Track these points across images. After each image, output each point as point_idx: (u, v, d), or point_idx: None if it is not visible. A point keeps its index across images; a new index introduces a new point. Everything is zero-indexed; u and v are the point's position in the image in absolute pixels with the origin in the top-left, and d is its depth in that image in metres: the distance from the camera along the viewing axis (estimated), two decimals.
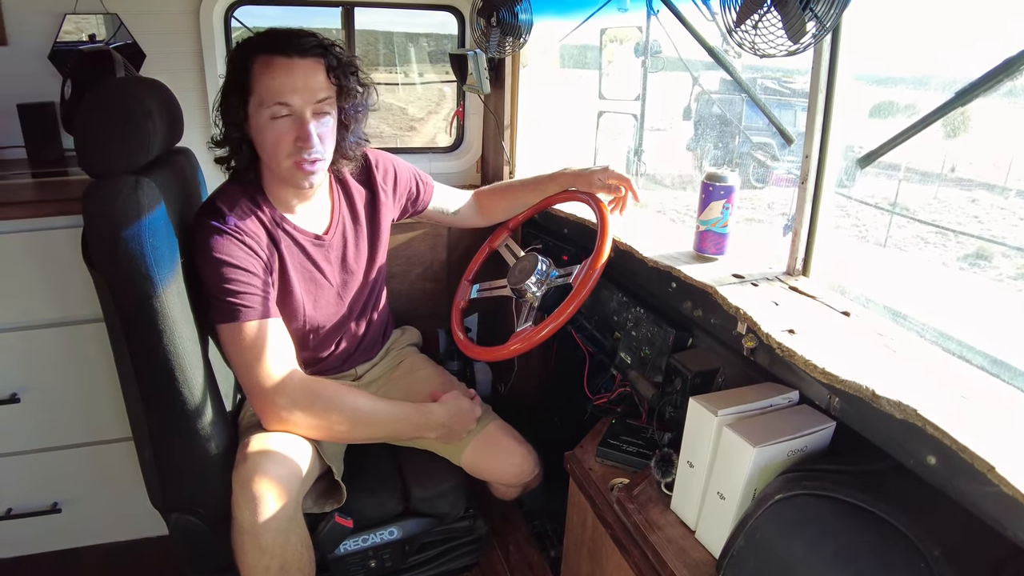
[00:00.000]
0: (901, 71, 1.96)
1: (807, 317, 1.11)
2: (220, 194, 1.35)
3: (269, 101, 1.24)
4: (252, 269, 1.29)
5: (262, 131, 1.27)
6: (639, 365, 1.46)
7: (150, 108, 1.18)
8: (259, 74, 1.25)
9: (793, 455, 1.00)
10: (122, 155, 1.15)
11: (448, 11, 2.30)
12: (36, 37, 1.91)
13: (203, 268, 1.26)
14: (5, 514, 1.70)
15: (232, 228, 1.28)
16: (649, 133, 2.60)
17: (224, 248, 1.26)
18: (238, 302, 1.26)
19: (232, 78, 1.28)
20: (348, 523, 1.39)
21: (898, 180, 2.65)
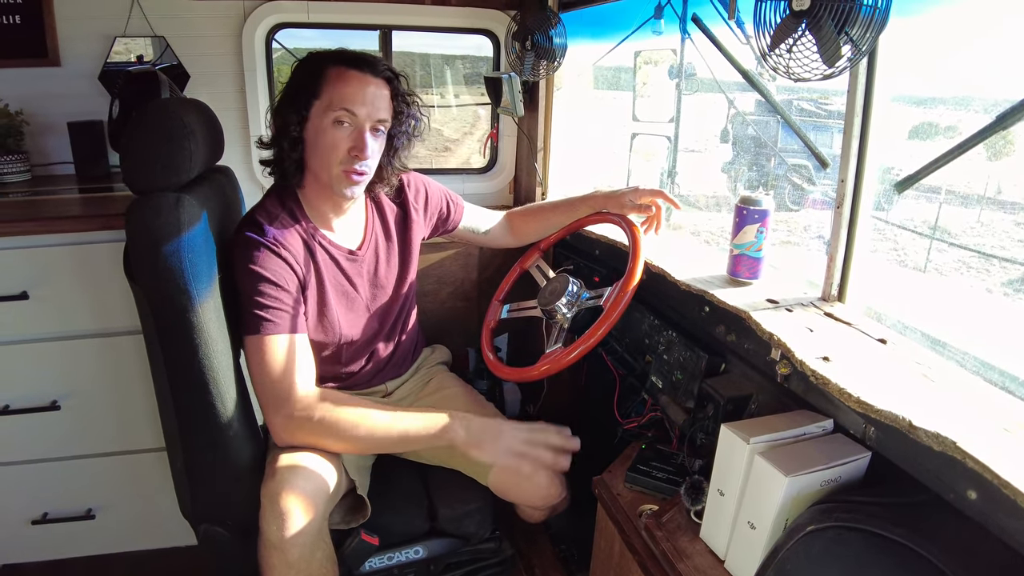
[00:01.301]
0: (941, 91, 1.93)
1: (842, 344, 1.08)
2: (260, 208, 1.38)
3: (336, 106, 1.31)
4: (284, 284, 1.31)
5: (322, 134, 1.33)
6: (670, 389, 1.45)
7: (192, 128, 1.22)
8: (331, 81, 1.32)
9: (826, 485, 0.97)
10: (164, 173, 1.19)
11: (484, 35, 2.33)
12: (87, 59, 2.01)
13: (239, 279, 1.30)
14: (41, 518, 1.74)
15: (271, 241, 1.31)
16: (684, 154, 2.59)
17: (260, 260, 1.29)
18: (265, 316, 1.28)
19: (301, 81, 1.34)
20: (374, 540, 1.39)
21: (939, 203, 2.58)
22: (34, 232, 1.53)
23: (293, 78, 1.36)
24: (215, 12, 2.07)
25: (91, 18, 1.98)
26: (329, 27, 2.27)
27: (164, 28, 2.04)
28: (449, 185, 2.42)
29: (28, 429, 1.65)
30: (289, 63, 3.11)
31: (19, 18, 1.96)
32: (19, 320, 1.57)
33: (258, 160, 1.44)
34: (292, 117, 1.33)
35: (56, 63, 2.00)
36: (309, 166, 1.38)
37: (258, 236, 1.31)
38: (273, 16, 2.11)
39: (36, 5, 1.95)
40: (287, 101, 1.35)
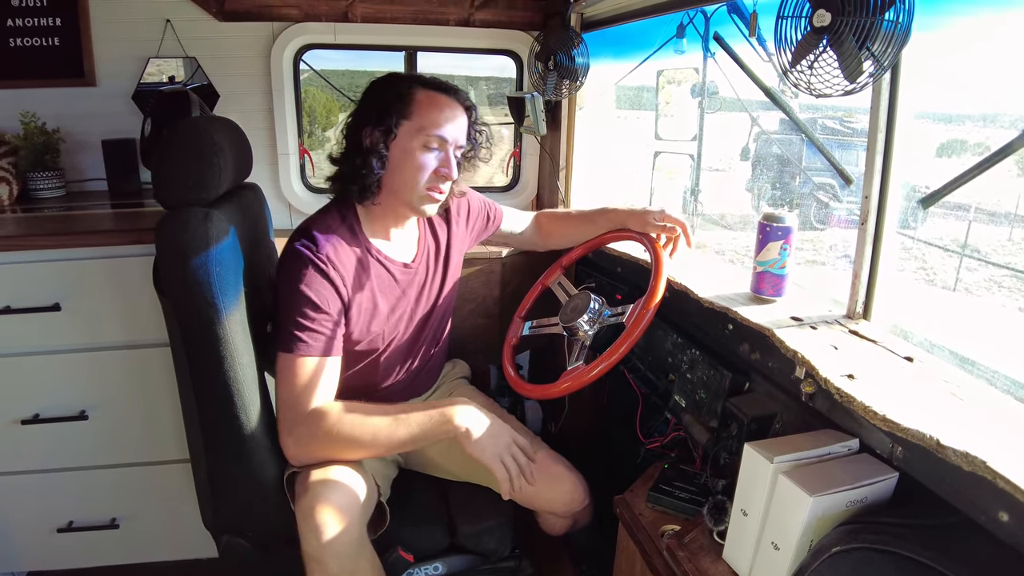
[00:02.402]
0: (968, 108, 1.91)
1: (868, 362, 1.07)
2: (319, 221, 1.38)
3: (429, 130, 1.35)
4: (327, 308, 1.31)
5: (410, 155, 1.36)
6: (694, 409, 1.43)
7: (222, 146, 1.26)
8: (423, 104, 1.36)
9: (852, 506, 0.95)
10: (194, 189, 1.22)
11: (507, 55, 2.37)
12: (122, 79, 2.09)
13: (283, 292, 1.30)
14: (67, 526, 1.76)
15: (323, 260, 1.31)
16: (707, 173, 2.58)
17: (307, 279, 1.29)
18: (302, 336, 1.28)
19: (386, 100, 1.35)
20: (410, 558, 1.39)
21: (968, 221, 2.54)
22: (67, 245, 1.57)
23: (376, 97, 1.38)
24: (245, 33, 2.14)
25: (126, 40, 2.06)
26: (355, 48, 2.32)
27: (195, 49, 2.11)
28: None
29: (56, 438, 1.68)
30: (315, 86, 3.17)
31: (58, 40, 2.05)
32: (51, 331, 1.61)
33: (325, 178, 1.45)
34: (379, 136, 1.35)
35: (92, 83, 2.08)
36: (386, 183, 1.39)
37: (310, 253, 1.31)
38: (301, 37, 2.17)
39: (75, 28, 2.04)
40: (373, 119, 1.35)
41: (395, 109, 1.34)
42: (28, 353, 1.62)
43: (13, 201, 1.93)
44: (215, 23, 2.09)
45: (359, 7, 2.16)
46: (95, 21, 2.05)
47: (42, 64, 2.06)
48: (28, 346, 1.61)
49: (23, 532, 1.77)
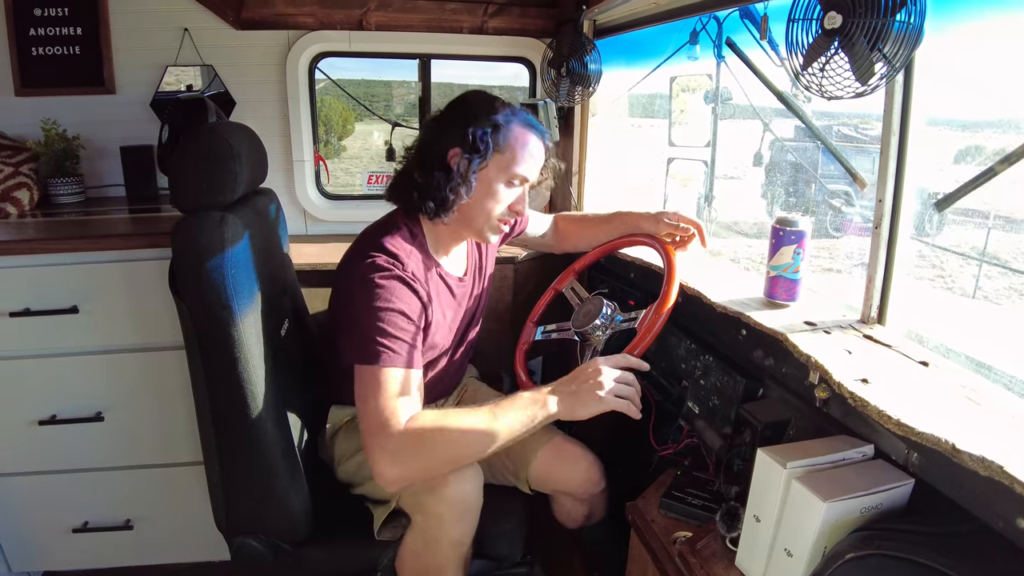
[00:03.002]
0: (987, 115, 1.89)
1: (882, 366, 1.05)
2: (388, 234, 1.35)
3: (518, 169, 1.36)
4: (414, 318, 1.29)
5: (493, 188, 1.36)
6: (707, 415, 1.42)
7: (238, 151, 1.27)
8: (518, 142, 1.36)
9: (867, 513, 0.94)
10: (209, 193, 1.24)
11: (520, 62, 2.38)
12: (140, 86, 2.13)
13: (363, 304, 1.25)
14: (82, 526, 1.78)
15: (410, 275, 1.30)
16: (723, 181, 2.57)
17: (398, 292, 1.27)
18: (391, 346, 1.24)
19: (485, 128, 1.32)
20: None
21: (987, 228, 2.51)
22: (85, 249, 1.59)
23: (470, 118, 1.34)
24: (261, 41, 2.17)
25: (145, 48, 2.10)
26: (370, 56, 2.34)
27: (212, 57, 2.15)
28: None
29: (73, 439, 1.70)
30: (332, 95, 3.20)
31: (79, 49, 2.09)
32: (68, 333, 1.63)
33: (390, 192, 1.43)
34: (468, 162, 1.32)
35: (111, 91, 2.12)
36: (461, 207, 1.37)
37: (397, 268, 1.29)
38: (316, 45, 2.19)
39: (95, 37, 2.08)
40: (467, 145, 1.32)
41: (491, 139, 1.33)
42: (46, 355, 1.64)
43: (34, 206, 1.97)
44: (232, 31, 2.13)
45: (374, 15, 2.18)
46: (115, 30, 2.09)
47: (63, 73, 2.10)
48: (46, 348, 1.64)
49: (40, 532, 1.79)
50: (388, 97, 3.93)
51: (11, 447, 1.70)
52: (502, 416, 1.24)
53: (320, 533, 1.39)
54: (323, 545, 1.40)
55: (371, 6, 2.17)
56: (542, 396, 1.28)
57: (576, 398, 1.28)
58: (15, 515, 1.76)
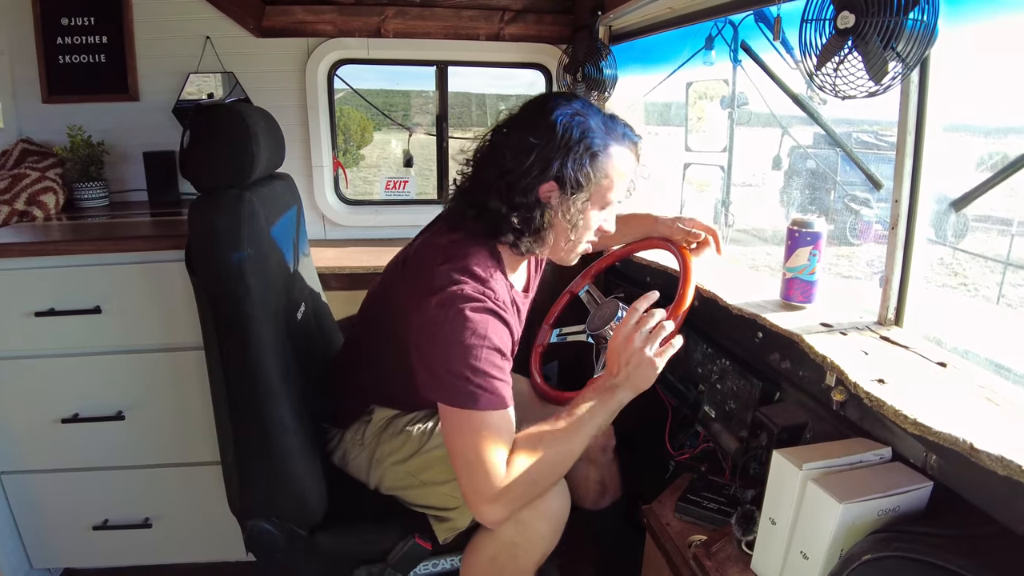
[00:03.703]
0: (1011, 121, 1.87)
1: (899, 367, 1.04)
2: (473, 258, 1.21)
3: (614, 196, 1.25)
4: (507, 353, 1.19)
5: (588, 218, 1.25)
6: (723, 419, 1.41)
7: (255, 131, 1.27)
8: (617, 167, 1.23)
9: (884, 515, 0.93)
10: (227, 171, 1.25)
11: (536, 68, 2.39)
12: (163, 93, 2.17)
13: (452, 342, 1.13)
14: (102, 524, 1.80)
15: (501, 305, 1.19)
16: (740, 188, 2.56)
17: (489, 327, 1.15)
18: (493, 387, 1.14)
19: (581, 158, 1.18)
20: (427, 545, 1.38)
21: (1011, 236, 2.48)
22: (108, 250, 1.62)
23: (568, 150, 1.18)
24: (281, 49, 2.21)
25: (168, 56, 2.15)
26: (388, 63, 2.37)
27: (233, 64, 2.19)
28: None
29: (94, 437, 1.72)
30: (352, 104, 3.23)
31: (104, 57, 2.14)
32: (92, 333, 1.65)
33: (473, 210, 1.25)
34: (570, 201, 1.20)
35: (135, 98, 2.17)
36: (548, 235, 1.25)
37: (489, 300, 1.17)
38: (335, 52, 2.23)
39: (120, 45, 2.13)
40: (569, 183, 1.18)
41: (590, 171, 1.19)
42: (70, 354, 1.67)
43: (59, 210, 2.01)
44: (253, 39, 2.17)
45: (391, 23, 2.21)
46: (139, 39, 2.14)
47: (89, 80, 2.15)
48: (70, 347, 1.66)
49: (61, 528, 1.81)
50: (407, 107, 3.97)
51: (34, 444, 1.73)
52: (583, 427, 1.21)
53: (334, 519, 1.38)
54: (336, 531, 1.38)
55: (389, 14, 2.20)
56: (606, 392, 1.25)
57: (634, 377, 1.25)
58: (37, 512, 1.79)
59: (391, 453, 1.40)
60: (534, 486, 1.18)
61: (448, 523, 1.36)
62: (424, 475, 1.37)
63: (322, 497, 1.35)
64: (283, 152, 1.49)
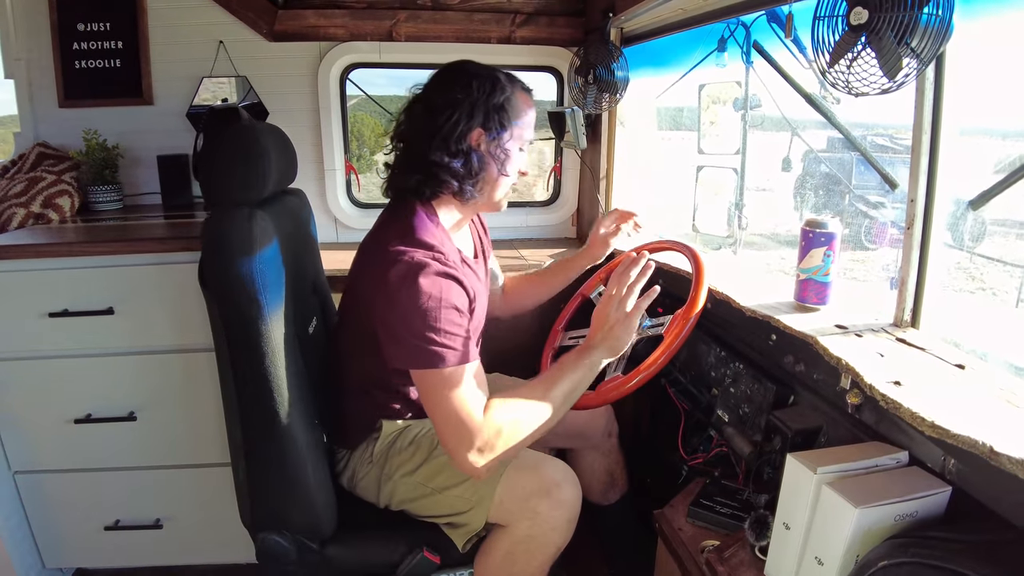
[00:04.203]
0: None
1: (916, 369, 1.02)
2: (418, 227, 1.30)
3: (529, 135, 1.39)
4: (464, 309, 1.26)
5: (513, 158, 1.37)
6: (737, 423, 1.40)
7: (267, 148, 1.29)
8: (523, 108, 1.36)
9: (901, 520, 0.91)
10: (239, 189, 1.26)
11: (547, 71, 2.40)
12: (177, 97, 2.20)
13: (411, 309, 1.19)
14: (114, 524, 1.81)
15: (451, 264, 1.25)
16: (754, 193, 2.53)
17: (446, 288, 1.21)
18: (453, 344, 1.20)
19: (498, 104, 1.31)
20: (436, 559, 1.38)
21: None
22: (121, 252, 1.63)
23: (479, 96, 1.30)
24: (293, 53, 2.22)
25: (181, 61, 2.17)
26: (399, 67, 2.38)
27: (246, 68, 2.21)
28: (512, 218, 2.48)
29: (106, 438, 1.73)
30: (366, 110, 3.24)
31: (119, 62, 2.17)
32: (105, 333, 1.66)
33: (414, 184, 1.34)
34: (493, 140, 1.32)
35: (150, 102, 2.20)
36: (482, 184, 1.36)
37: (439, 262, 1.23)
38: (347, 56, 2.24)
39: (135, 50, 2.16)
40: (493, 126, 1.31)
41: (507, 114, 1.32)
42: (83, 355, 1.68)
43: (74, 213, 2.04)
44: (265, 43, 2.19)
45: (403, 27, 2.22)
46: (153, 44, 2.16)
47: (105, 84, 2.17)
48: (83, 348, 1.68)
49: (73, 528, 1.82)
50: None
51: (48, 444, 1.74)
52: (560, 382, 1.28)
53: (345, 531, 1.39)
54: (347, 544, 1.39)
55: (401, 17, 2.21)
56: (582, 351, 1.31)
57: (609, 338, 1.30)
58: (50, 511, 1.80)
59: (400, 466, 1.40)
60: (513, 434, 1.23)
61: (464, 528, 1.36)
62: (434, 482, 1.37)
63: (333, 510, 1.36)
64: (295, 168, 1.50)
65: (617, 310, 1.29)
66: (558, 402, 1.27)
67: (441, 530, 1.39)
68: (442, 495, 1.37)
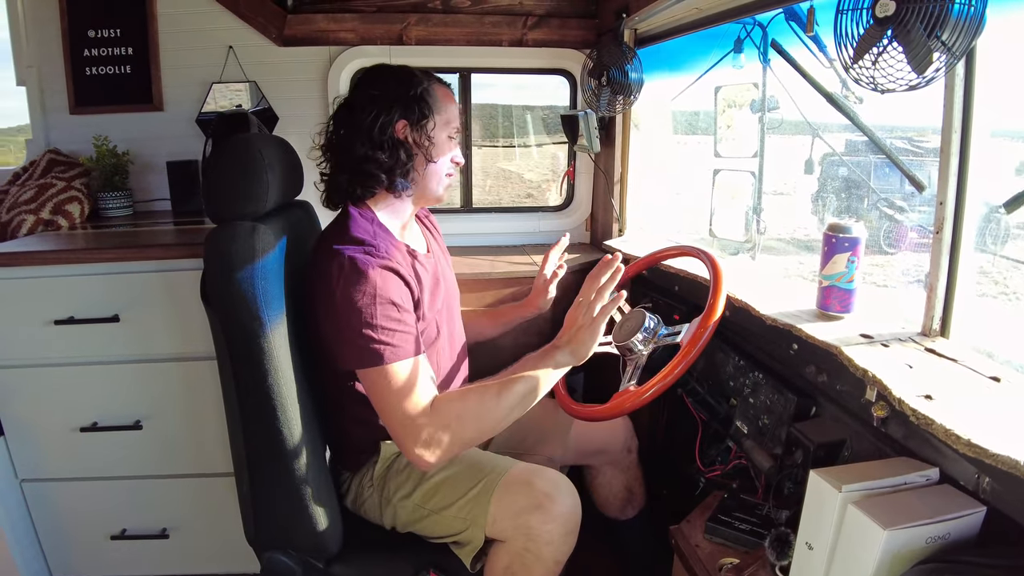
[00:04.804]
0: None
1: (948, 382, 0.97)
2: (352, 227, 1.31)
3: (453, 124, 1.42)
4: (409, 307, 1.28)
5: (442, 148, 1.39)
6: (756, 435, 1.35)
7: (270, 161, 1.27)
8: (444, 100, 1.40)
9: (932, 543, 0.86)
10: (242, 203, 1.24)
11: (560, 74, 2.37)
12: (187, 103, 2.19)
13: (352, 305, 1.21)
14: (120, 533, 1.79)
15: (389, 259, 1.26)
16: (771, 197, 2.48)
17: (383, 284, 1.23)
18: (392, 342, 1.22)
19: (417, 97, 1.35)
20: None
21: None
22: (126, 259, 1.62)
23: (398, 92, 1.35)
24: (303, 57, 2.21)
25: (191, 66, 2.17)
26: None
27: (256, 74, 2.21)
28: (524, 223, 2.45)
29: (112, 446, 1.72)
30: None
31: (129, 68, 2.17)
32: (110, 341, 1.65)
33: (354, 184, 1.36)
34: (418, 131, 1.36)
35: (160, 108, 2.20)
36: (413, 178, 1.39)
37: (374, 257, 1.24)
38: (357, 60, 2.22)
39: (144, 56, 2.16)
40: (414, 115, 1.35)
41: (427, 105, 1.36)
42: (88, 363, 1.67)
43: (84, 219, 2.03)
44: (275, 48, 2.18)
45: (414, 30, 2.20)
46: (163, 49, 2.17)
47: (115, 91, 2.18)
48: (89, 356, 1.66)
49: (80, 537, 1.81)
50: None
51: (54, 452, 1.73)
52: (518, 381, 1.28)
53: (351, 551, 1.37)
54: (353, 564, 1.37)
55: (411, 21, 2.19)
56: (547, 352, 1.32)
57: (574, 341, 1.31)
58: (57, 520, 1.79)
59: (398, 489, 1.40)
60: (460, 430, 1.24)
61: (468, 546, 1.34)
62: (430, 503, 1.36)
63: (338, 530, 1.34)
64: (301, 180, 1.49)
65: (585, 315, 1.29)
66: (513, 400, 1.27)
67: (449, 549, 1.37)
68: (440, 516, 1.35)
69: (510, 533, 1.29)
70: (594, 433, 1.57)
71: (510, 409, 1.28)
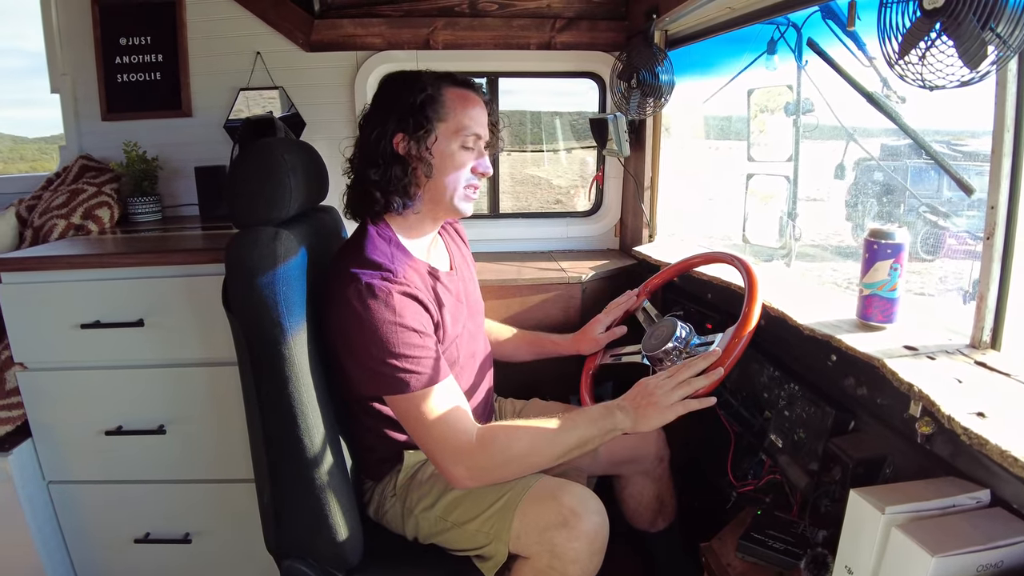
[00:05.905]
0: None
1: (1001, 398, 0.91)
2: (368, 248, 1.28)
3: (468, 130, 1.32)
4: (426, 330, 1.24)
5: (451, 156, 1.31)
6: (792, 449, 1.29)
7: (293, 166, 1.26)
8: (456, 104, 1.31)
9: (984, 571, 0.80)
10: (265, 208, 1.23)
11: (588, 77, 2.35)
12: (215, 109, 2.22)
13: (370, 335, 1.19)
14: (143, 537, 1.79)
15: (406, 283, 1.23)
16: (804, 203, 2.42)
17: (402, 309, 1.20)
18: (418, 369, 1.20)
19: (419, 104, 1.28)
20: None
21: None
22: (152, 263, 1.62)
23: (399, 101, 1.29)
24: (330, 63, 2.22)
25: (220, 72, 2.19)
26: None
27: (283, 79, 2.22)
28: (553, 228, 2.43)
29: (137, 450, 1.72)
30: None
31: (159, 74, 2.21)
32: (135, 346, 1.65)
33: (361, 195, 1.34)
34: (416, 142, 1.29)
35: (188, 114, 2.23)
36: (427, 189, 1.33)
37: (390, 282, 1.21)
38: (384, 65, 2.21)
39: (174, 63, 2.19)
40: (409, 126, 1.28)
41: (429, 112, 1.28)
42: (114, 367, 1.67)
43: (114, 224, 2.05)
44: (302, 54, 2.19)
45: (441, 34, 2.19)
46: (192, 56, 2.19)
47: (145, 97, 2.22)
48: (114, 360, 1.67)
49: (104, 541, 1.82)
50: None
51: (80, 455, 1.73)
52: (574, 431, 1.25)
53: (372, 562, 1.35)
54: (374, 574, 1.35)
55: (438, 25, 2.18)
56: (609, 409, 1.28)
57: (640, 413, 1.26)
58: (83, 522, 1.79)
59: (420, 500, 1.37)
60: (507, 466, 1.24)
61: (491, 561, 1.31)
62: (452, 516, 1.33)
63: (359, 540, 1.32)
64: (326, 185, 1.48)
65: (665, 394, 1.25)
66: (563, 450, 1.25)
67: (472, 562, 1.33)
68: (462, 529, 1.32)
69: (535, 549, 1.25)
70: (625, 441, 1.52)
71: (557, 458, 1.25)
